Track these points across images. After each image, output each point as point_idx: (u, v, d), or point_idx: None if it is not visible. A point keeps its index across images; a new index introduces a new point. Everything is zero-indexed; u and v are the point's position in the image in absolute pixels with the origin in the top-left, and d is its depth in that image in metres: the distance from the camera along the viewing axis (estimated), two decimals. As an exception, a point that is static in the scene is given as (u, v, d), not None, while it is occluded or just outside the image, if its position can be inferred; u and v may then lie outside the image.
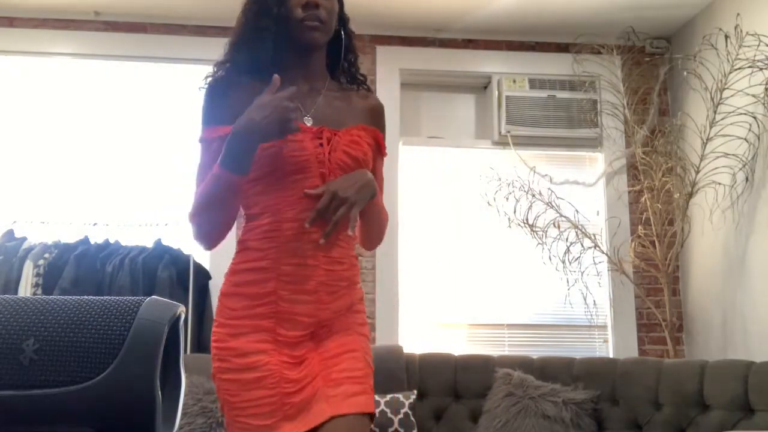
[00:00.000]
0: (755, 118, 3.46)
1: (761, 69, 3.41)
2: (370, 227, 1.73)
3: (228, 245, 1.73)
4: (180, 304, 0.92)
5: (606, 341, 4.09)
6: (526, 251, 4.02)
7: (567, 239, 3.94)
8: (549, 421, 3.05)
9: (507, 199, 3.99)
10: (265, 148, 1.52)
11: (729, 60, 3.53)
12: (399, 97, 4.11)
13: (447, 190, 4.15)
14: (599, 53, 4.16)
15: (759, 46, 3.41)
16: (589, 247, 3.94)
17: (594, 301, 3.99)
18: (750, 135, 3.49)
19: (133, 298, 0.89)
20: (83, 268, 3.50)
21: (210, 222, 1.60)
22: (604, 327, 4.09)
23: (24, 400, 0.82)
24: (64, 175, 3.93)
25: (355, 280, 1.67)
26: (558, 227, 3.96)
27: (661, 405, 3.07)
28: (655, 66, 4.24)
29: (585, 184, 4.23)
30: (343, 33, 1.74)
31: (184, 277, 3.58)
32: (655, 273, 3.89)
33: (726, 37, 3.57)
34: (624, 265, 3.90)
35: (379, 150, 1.75)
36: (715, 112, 3.60)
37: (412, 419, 3.12)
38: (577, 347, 4.04)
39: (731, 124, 3.52)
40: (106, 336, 0.84)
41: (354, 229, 1.58)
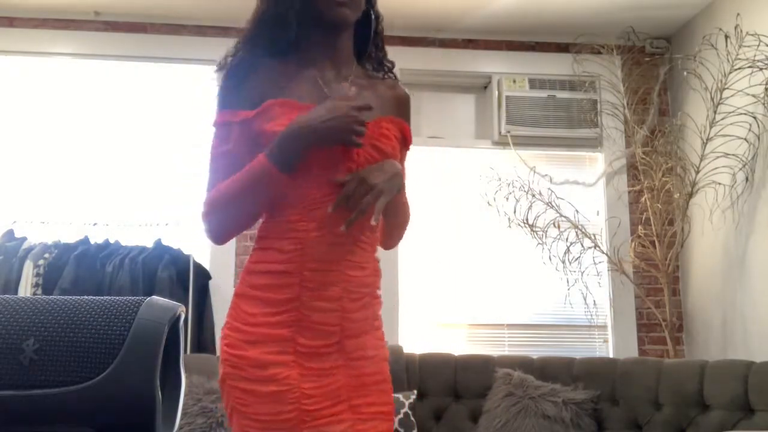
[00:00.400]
0: (755, 118, 3.46)
1: (761, 69, 3.41)
2: (392, 223, 1.62)
3: (229, 245, 1.72)
4: (180, 304, 0.92)
5: (606, 341, 4.09)
6: (526, 251, 4.02)
7: (567, 239, 3.94)
8: (549, 421, 3.05)
9: (507, 199, 3.99)
10: None
11: (729, 60, 3.53)
12: (399, 97, 4.11)
13: (447, 190, 4.15)
14: (599, 53, 4.16)
15: (759, 46, 3.41)
16: (589, 247, 3.94)
17: (594, 301, 3.99)
18: (750, 135, 3.49)
19: (133, 298, 0.89)
20: (83, 268, 3.50)
21: (233, 216, 1.49)
22: (604, 327, 4.10)
23: (24, 400, 0.82)
24: (64, 175, 3.93)
25: (377, 287, 1.55)
26: (558, 227, 3.96)
27: (661, 405, 3.06)
28: (655, 66, 4.24)
29: (585, 184, 4.23)
30: (372, 13, 1.60)
31: (184, 277, 3.58)
32: (655, 273, 3.89)
33: (726, 37, 3.57)
34: (624, 265, 3.90)
35: (405, 143, 1.63)
36: (715, 112, 3.60)
37: (412, 419, 3.12)
38: (577, 347, 4.04)
39: (731, 124, 3.52)
40: (106, 336, 0.84)
41: (378, 220, 1.44)
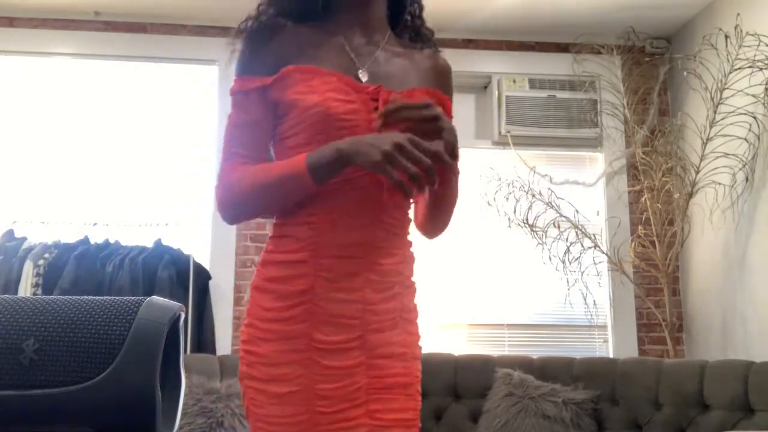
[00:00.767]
0: (755, 118, 3.46)
1: (761, 69, 3.41)
2: (441, 206, 1.41)
3: (229, 245, 1.71)
4: (180, 304, 0.92)
5: (606, 341, 4.09)
6: (526, 251, 4.02)
7: (567, 239, 3.94)
8: (549, 421, 3.05)
9: (507, 199, 3.99)
10: (310, 107, 1.28)
11: (729, 60, 3.53)
12: (399, 97, 4.11)
13: (447, 190, 4.14)
14: (599, 53, 4.16)
15: (759, 46, 3.41)
16: (589, 247, 3.94)
17: (594, 301, 3.99)
18: (750, 135, 3.49)
19: (133, 298, 0.89)
20: (83, 268, 3.50)
21: (251, 209, 1.37)
22: (604, 327, 4.09)
23: (24, 400, 0.82)
24: (64, 175, 3.93)
25: (409, 276, 1.39)
26: (558, 227, 3.96)
27: (661, 405, 3.06)
28: (655, 66, 4.24)
29: (585, 184, 4.23)
30: None
31: (184, 277, 3.58)
32: (655, 273, 3.89)
33: (726, 37, 3.57)
34: (624, 265, 3.90)
35: None
36: (715, 112, 3.60)
37: (412, 419, 3.11)
38: (577, 347, 4.04)
39: (731, 124, 3.52)
40: (106, 336, 0.84)
41: (435, 184, 1.22)
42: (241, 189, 1.32)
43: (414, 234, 1.44)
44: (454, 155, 1.26)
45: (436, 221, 1.45)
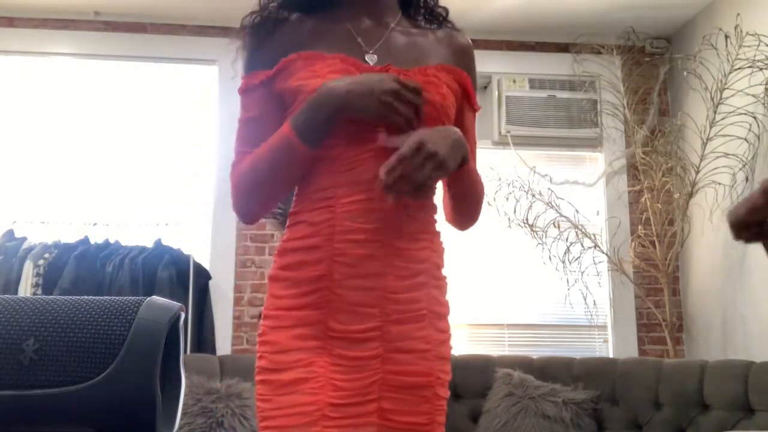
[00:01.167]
0: (755, 118, 3.46)
1: (761, 69, 3.41)
2: (463, 201, 1.42)
3: (229, 245, 1.71)
4: (180, 304, 0.92)
5: (606, 341, 4.09)
6: (526, 251, 4.02)
7: (567, 239, 3.94)
8: (549, 421, 3.05)
9: (507, 199, 3.99)
10: (314, 90, 1.23)
11: (729, 60, 3.53)
12: (399, 98, 4.11)
13: (447, 190, 4.14)
14: (599, 53, 4.16)
15: (759, 46, 3.41)
16: (589, 247, 3.94)
17: (594, 301, 3.99)
18: (750, 135, 3.49)
19: (133, 298, 0.89)
20: (83, 268, 3.50)
21: (257, 198, 1.31)
22: (604, 327, 4.09)
23: (24, 400, 0.82)
24: (64, 175, 3.93)
25: (437, 264, 1.33)
26: (558, 227, 3.96)
27: (661, 405, 3.07)
28: (655, 66, 4.24)
29: (585, 184, 4.23)
30: None
31: (184, 277, 3.59)
32: (655, 273, 3.89)
33: (726, 37, 3.57)
34: (624, 265, 3.90)
35: (468, 100, 1.41)
36: (715, 112, 3.60)
37: (412, 419, 3.11)
38: (577, 347, 4.04)
39: (731, 124, 3.52)
40: (106, 336, 0.84)
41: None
42: (247, 180, 1.29)
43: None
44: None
45: (460, 215, 1.47)
